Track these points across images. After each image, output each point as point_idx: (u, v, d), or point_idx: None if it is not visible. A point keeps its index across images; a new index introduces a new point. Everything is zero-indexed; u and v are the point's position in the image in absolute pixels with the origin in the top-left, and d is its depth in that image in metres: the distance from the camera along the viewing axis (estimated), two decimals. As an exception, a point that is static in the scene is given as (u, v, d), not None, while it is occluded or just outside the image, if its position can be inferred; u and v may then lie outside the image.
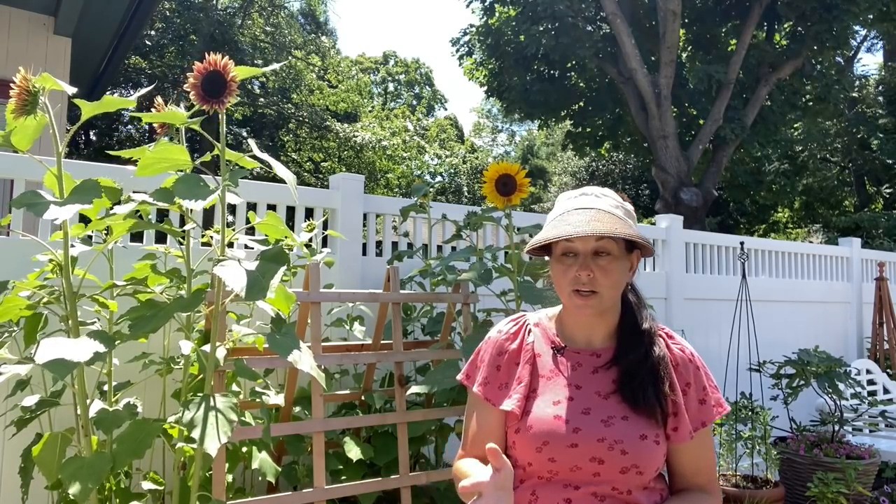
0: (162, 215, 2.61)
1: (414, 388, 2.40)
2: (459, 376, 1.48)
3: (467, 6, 12.97)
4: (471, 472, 1.30)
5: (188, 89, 1.57)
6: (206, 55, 1.57)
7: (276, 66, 1.83)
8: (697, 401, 1.35)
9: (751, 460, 3.64)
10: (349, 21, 62.38)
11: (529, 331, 1.43)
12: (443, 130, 26.85)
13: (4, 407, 2.21)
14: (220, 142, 1.68)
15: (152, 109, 1.86)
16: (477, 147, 32.60)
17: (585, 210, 1.32)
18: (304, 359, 1.64)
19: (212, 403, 1.59)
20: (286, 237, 1.72)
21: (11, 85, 1.59)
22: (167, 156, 1.66)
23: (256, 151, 1.69)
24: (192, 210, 1.69)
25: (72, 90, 1.66)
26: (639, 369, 1.32)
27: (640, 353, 1.33)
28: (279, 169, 1.67)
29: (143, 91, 1.86)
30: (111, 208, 1.80)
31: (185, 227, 1.86)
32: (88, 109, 1.67)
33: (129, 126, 16.99)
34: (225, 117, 1.67)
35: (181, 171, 1.71)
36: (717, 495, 1.38)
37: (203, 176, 1.67)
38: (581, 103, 13.68)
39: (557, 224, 1.33)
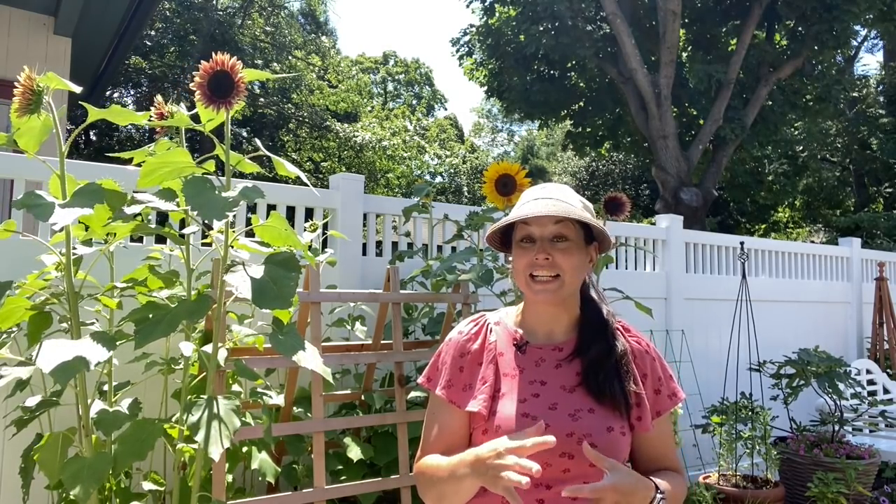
0: (162, 215, 2.61)
1: (412, 393, 2.41)
2: (420, 380, 1.46)
3: (467, 6, 12.98)
4: (445, 461, 1.29)
5: (193, 88, 1.53)
6: (207, 55, 1.54)
7: (285, 74, 1.82)
8: (653, 391, 1.38)
9: (751, 460, 3.64)
10: (349, 21, 62.39)
11: (490, 330, 1.42)
12: (443, 130, 26.85)
13: (5, 407, 2.21)
14: (224, 143, 1.67)
15: (152, 108, 1.85)
16: (477, 147, 32.60)
17: (544, 200, 1.35)
18: (308, 358, 1.63)
19: (214, 408, 1.58)
20: (290, 244, 1.70)
21: (15, 84, 1.59)
22: (169, 160, 1.64)
23: (267, 153, 1.68)
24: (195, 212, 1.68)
25: (78, 89, 1.66)
26: (603, 362, 1.33)
27: (604, 345, 1.35)
28: (288, 166, 1.66)
29: (150, 113, 1.83)
30: (115, 213, 1.79)
31: (186, 231, 1.86)
32: (94, 114, 1.66)
33: (130, 126, 16.97)
34: (229, 118, 1.66)
35: (184, 176, 1.69)
36: (683, 474, 1.42)
37: (208, 177, 1.66)
38: (581, 103, 13.69)
39: (516, 213, 1.36)
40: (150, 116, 1.81)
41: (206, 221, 1.44)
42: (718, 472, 3.73)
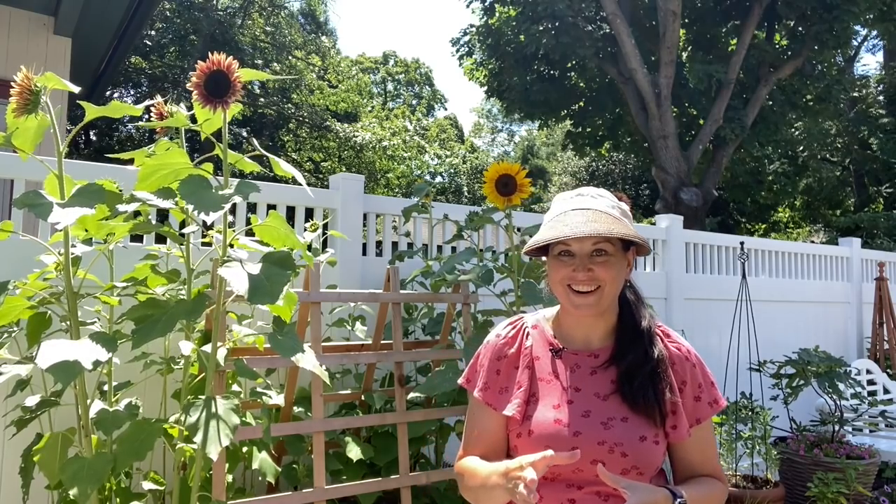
0: (162, 214, 2.61)
1: (412, 394, 2.41)
2: (460, 380, 1.49)
3: (467, 6, 12.98)
4: (482, 467, 1.31)
5: (191, 89, 1.54)
6: (207, 55, 1.54)
7: (284, 76, 1.82)
8: (693, 398, 1.36)
9: (751, 460, 3.64)
10: (349, 21, 62.38)
11: (527, 334, 1.42)
12: (443, 130, 26.85)
13: (5, 407, 2.21)
14: (222, 143, 1.67)
15: (152, 108, 1.85)
16: (477, 147, 32.60)
17: (583, 211, 1.33)
18: (306, 358, 1.64)
19: (213, 407, 1.58)
20: (289, 244, 1.70)
21: (12, 85, 1.59)
22: (167, 161, 1.64)
23: (263, 152, 1.68)
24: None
25: (76, 89, 1.66)
26: (638, 370, 1.32)
27: (640, 353, 1.33)
28: (284, 165, 1.66)
29: (150, 102, 1.83)
30: (112, 213, 1.79)
31: (186, 230, 1.85)
32: (92, 112, 1.66)
33: (130, 126, 16.98)
34: (226, 118, 1.66)
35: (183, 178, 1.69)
36: (724, 481, 1.40)
37: (205, 176, 1.66)
38: (581, 103, 13.69)
39: (555, 225, 1.33)
40: (149, 112, 1.81)
41: (205, 220, 1.43)
42: (718, 472, 3.72)
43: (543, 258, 1.42)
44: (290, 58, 18.92)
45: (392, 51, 32.87)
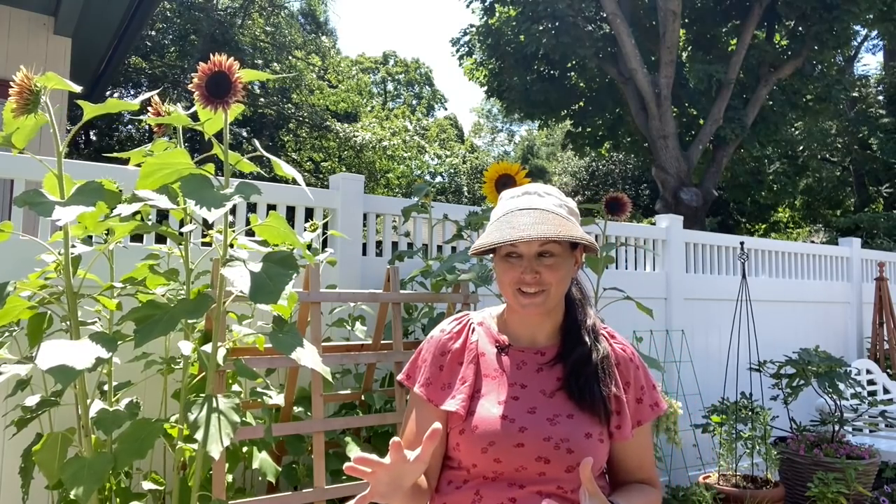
0: (162, 214, 2.61)
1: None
2: (400, 376, 1.46)
3: (467, 6, 12.98)
4: None
5: (192, 89, 1.55)
6: (207, 55, 1.55)
7: (284, 74, 1.82)
8: (635, 399, 1.37)
9: (751, 460, 3.64)
10: (349, 21, 62.40)
11: (473, 330, 1.41)
12: (443, 130, 26.86)
13: (5, 407, 2.21)
14: (222, 143, 1.67)
15: (149, 108, 1.86)
16: (477, 147, 32.61)
17: (529, 211, 1.31)
18: (307, 356, 1.64)
19: (214, 405, 1.59)
20: (289, 243, 1.70)
21: (11, 84, 1.59)
22: (168, 161, 1.64)
23: (264, 153, 1.68)
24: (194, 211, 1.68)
25: (77, 88, 1.66)
26: (584, 367, 1.32)
27: (586, 351, 1.33)
28: (285, 167, 1.66)
29: (148, 95, 1.84)
30: (112, 211, 1.79)
31: (185, 229, 1.85)
32: (91, 111, 1.66)
33: (130, 126, 16.99)
34: (228, 118, 1.66)
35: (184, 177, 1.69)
36: (659, 488, 1.41)
37: (206, 175, 1.66)
38: (581, 103, 13.69)
39: (501, 226, 1.31)
40: (147, 110, 1.82)
41: (206, 220, 1.44)
42: (718, 472, 3.73)
43: (491, 255, 1.40)
44: (290, 58, 18.93)
45: (392, 51, 32.89)
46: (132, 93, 17.08)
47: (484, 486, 1.27)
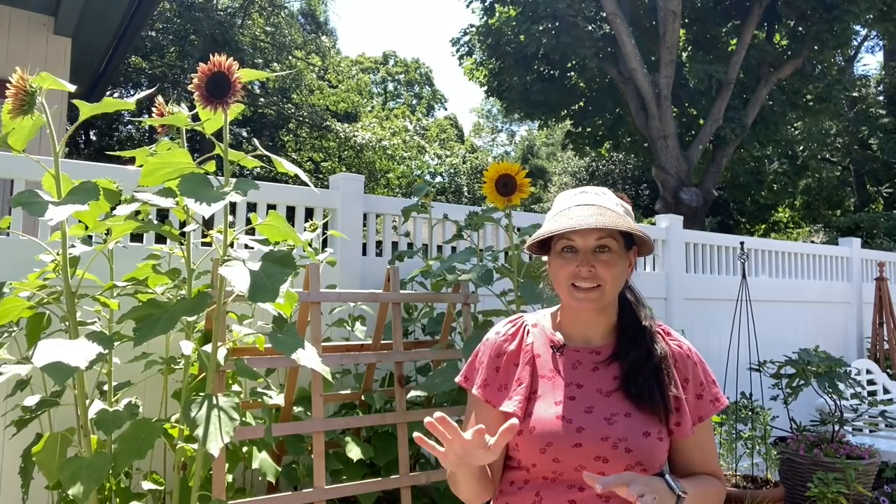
0: (162, 215, 2.61)
1: (412, 393, 2.40)
2: (458, 378, 1.47)
3: (467, 6, 12.98)
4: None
5: (192, 90, 1.55)
6: (207, 55, 1.55)
7: (283, 73, 1.82)
8: (695, 396, 1.36)
9: (751, 460, 3.64)
10: (349, 21, 62.41)
11: (528, 331, 1.42)
12: (443, 130, 26.86)
13: (4, 407, 2.21)
14: (223, 142, 1.68)
15: (153, 109, 1.86)
16: (477, 147, 32.60)
17: (587, 206, 1.33)
18: (307, 356, 1.64)
19: (214, 403, 1.59)
20: (289, 240, 1.70)
21: (8, 85, 1.59)
22: (170, 160, 1.65)
23: (265, 151, 1.68)
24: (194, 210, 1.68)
25: (71, 88, 1.66)
26: (642, 366, 1.31)
27: (643, 349, 1.33)
28: (287, 164, 1.66)
29: (144, 94, 1.85)
30: (112, 210, 1.79)
31: (186, 229, 1.85)
32: (87, 110, 1.66)
33: (130, 126, 16.99)
34: (227, 118, 1.66)
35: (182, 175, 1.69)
36: (724, 481, 1.40)
37: (206, 174, 1.66)
38: (581, 103, 13.69)
39: (559, 219, 1.32)
40: (143, 109, 1.82)
41: (206, 220, 1.44)
42: (718, 472, 3.72)
43: (544, 258, 1.41)
44: (290, 58, 18.93)
45: (392, 51, 32.91)
46: (132, 93, 17.06)
47: (544, 488, 1.28)
